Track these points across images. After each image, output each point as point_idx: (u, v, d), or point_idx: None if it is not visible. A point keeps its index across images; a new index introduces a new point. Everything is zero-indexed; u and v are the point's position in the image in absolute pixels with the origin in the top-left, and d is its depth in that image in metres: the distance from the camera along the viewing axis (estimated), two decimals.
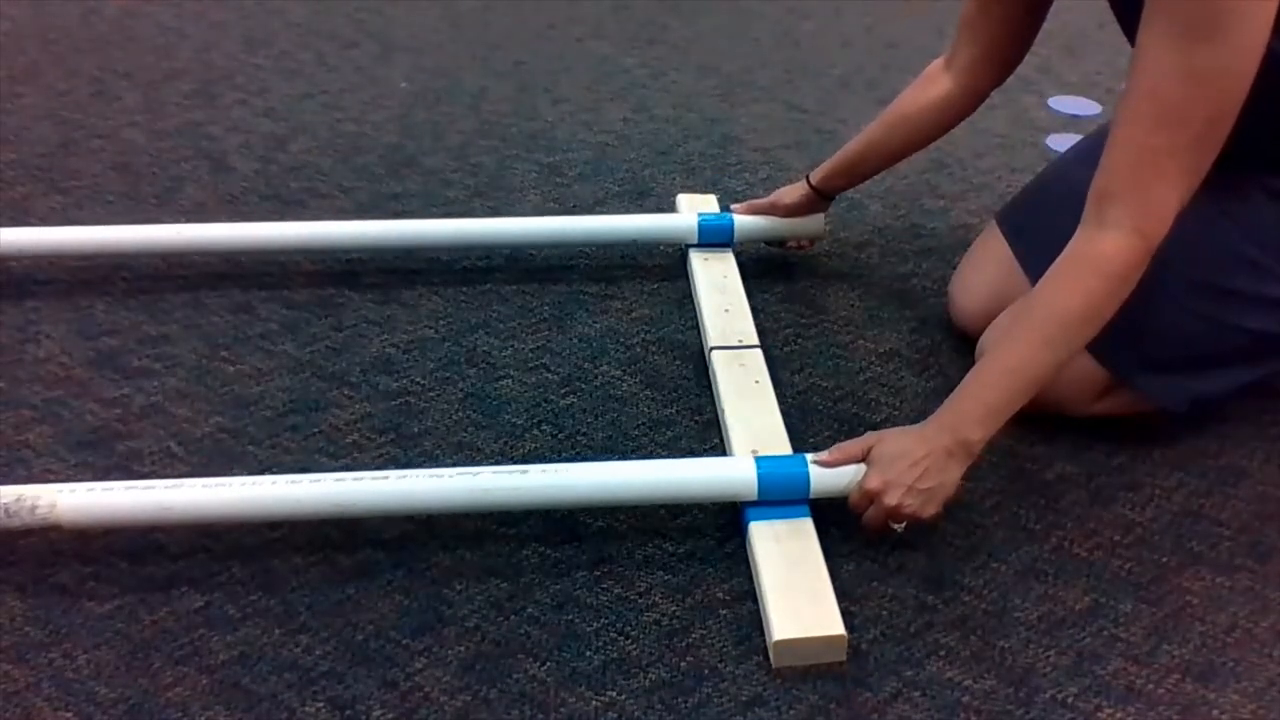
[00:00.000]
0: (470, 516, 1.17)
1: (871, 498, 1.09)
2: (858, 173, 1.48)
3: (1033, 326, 1.08)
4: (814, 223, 1.55)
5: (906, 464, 1.07)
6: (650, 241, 1.63)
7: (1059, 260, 1.08)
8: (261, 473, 1.22)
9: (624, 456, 1.25)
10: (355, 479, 1.09)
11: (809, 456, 1.13)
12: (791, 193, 1.53)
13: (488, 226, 1.58)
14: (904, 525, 1.10)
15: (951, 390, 1.35)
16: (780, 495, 1.12)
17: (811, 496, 1.12)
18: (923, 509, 1.08)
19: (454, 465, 1.23)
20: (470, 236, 1.57)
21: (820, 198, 1.51)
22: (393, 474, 1.10)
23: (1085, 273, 1.06)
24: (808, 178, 1.51)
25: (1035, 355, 1.08)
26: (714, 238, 1.57)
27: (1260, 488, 1.23)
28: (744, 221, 1.57)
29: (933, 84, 1.36)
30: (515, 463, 1.24)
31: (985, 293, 1.38)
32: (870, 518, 1.10)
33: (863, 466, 1.10)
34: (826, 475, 1.12)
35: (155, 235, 1.56)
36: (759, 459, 1.13)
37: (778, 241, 1.59)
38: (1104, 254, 1.05)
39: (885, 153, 1.44)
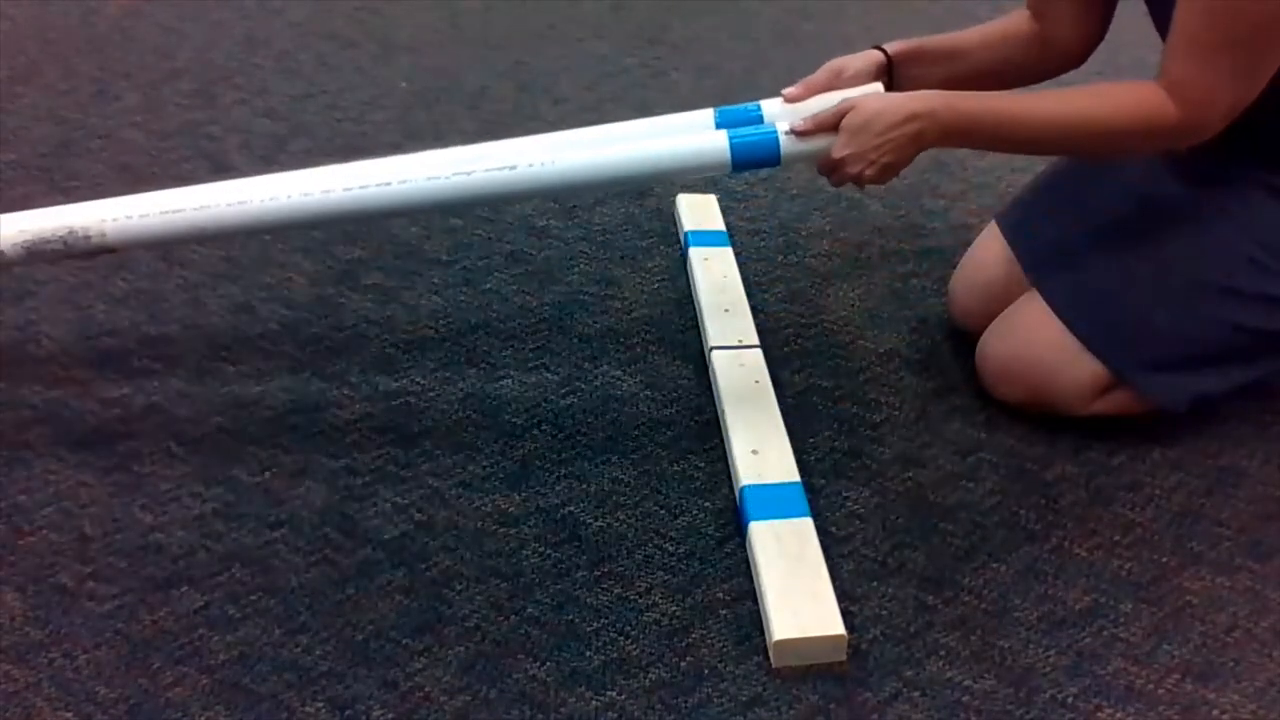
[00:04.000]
0: (471, 516, 1.17)
1: (836, 165, 1.14)
2: (936, 70, 1.29)
3: (1057, 106, 1.12)
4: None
5: (873, 140, 1.12)
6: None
7: (1124, 84, 1.11)
8: (270, 452, 1.22)
9: (633, 454, 1.26)
10: (361, 186, 1.17)
11: (782, 126, 1.15)
12: (857, 60, 1.27)
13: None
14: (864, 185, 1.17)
15: (951, 389, 1.36)
16: (754, 163, 1.17)
17: (783, 164, 1.17)
18: (878, 178, 1.14)
19: (454, 465, 1.24)
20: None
21: (885, 65, 1.28)
22: (395, 179, 1.17)
23: (1129, 103, 1.10)
24: (880, 47, 1.29)
25: (1040, 126, 1.12)
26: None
27: (1260, 488, 1.23)
28: (782, 115, 1.24)
29: (1029, 21, 1.31)
30: (515, 464, 1.24)
31: (985, 293, 1.38)
32: (833, 179, 1.17)
33: (831, 139, 1.14)
34: (798, 145, 1.15)
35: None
36: (731, 132, 1.16)
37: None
38: (1151, 100, 1.09)
39: (973, 64, 1.31)
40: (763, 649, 1.03)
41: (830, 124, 1.14)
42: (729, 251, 1.59)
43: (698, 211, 1.70)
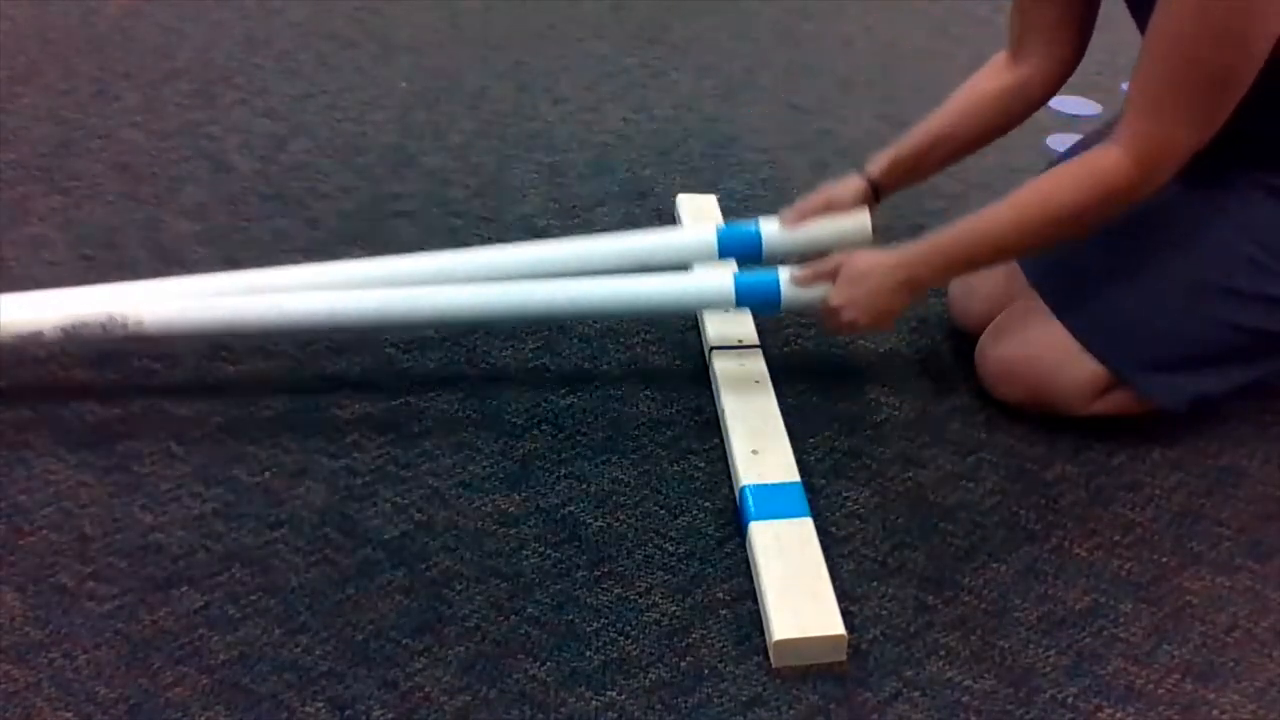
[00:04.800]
0: (470, 517, 1.17)
1: (834, 312, 1.22)
2: (923, 167, 1.35)
3: (1017, 205, 1.15)
4: (860, 230, 1.31)
5: (867, 288, 1.20)
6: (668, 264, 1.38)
7: (1075, 159, 1.14)
8: (270, 452, 1.22)
9: (633, 454, 1.26)
10: (396, 293, 1.26)
11: (782, 274, 1.25)
12: (845, 190, 1.33)
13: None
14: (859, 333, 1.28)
15: (951, 389, 1.36)
16: (756, 305, 1.29)
17: (783, 310, 1.27)
18: (875, 324, 1.23)
19: (454, 465, 1.24)
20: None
21: (871, 191, 1.34)
22: (432, 288, 1.27)
23: (1082, 178, 1.12)
24: (864, 173, 1.34)
25: (1007, 230, 1.16)
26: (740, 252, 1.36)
27: (1260, 488, 1.23)
28: (778, 236, 1.33)
29: (1002, 71, 1.31)
30: (515, 463, 1.24)
31: (985, 293, 1.38)
32: (832, 327, 1.25)
33: (828, 287, 1.23)
34: (797, 292, 1.25)
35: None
36: (737, 274, 1.26)
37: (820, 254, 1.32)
38: (1104, 167, 1.10)
39: (954, 142, 1.33)
40: (763, 649, 1.03)
41: (828, 274, 1.23)
42: None
43: (698, 211, 1.70)
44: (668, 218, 1.73)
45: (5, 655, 1.02)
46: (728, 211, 1.72)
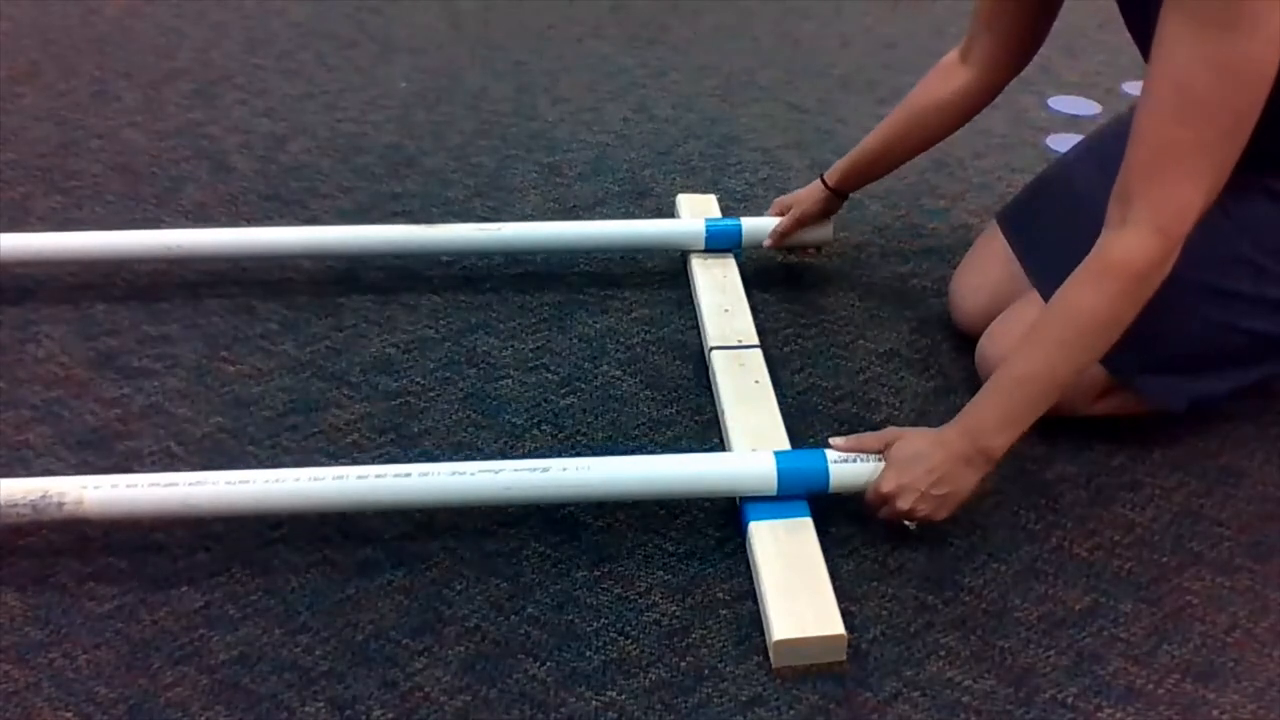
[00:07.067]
0: (471, 516, 1.17)
1: (886, 499, 1.10)
2: (875, 171, 1.46)
3: (1051, 330, 1.07)
4: (825, 230, 1.54)
5: (923, 469, 1.08)
6: (656, 248, 1.62)
7: (1083, 262, 1.06)
8: (270, 452, 1.22)
9: (634, 451, 1.26)
10: (378, 475, 1.10)
11: (830, 456, 1.13)
12: (811, 199, 1.50)
13: (496, 233, 1.55)
14: (916, 524, 1.12)
15: (951, 390, 1.36)
16: (798, 490, 1.13)
17: (830, 491, 1.13)
18: (935, 513, 1.10)
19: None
20: (479, 243, 1.56)
21: (836, 198, 1.50)
22: (415, 469, 1.11)
23: (1103, 275, 1.04)
24: (823, 180, 1.48)
25: (1053, 360, 1.07)
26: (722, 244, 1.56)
27: (1260, 488, 1.23)
28: (754, 228, 1.55)
29: (951, 76, 1.34)
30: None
31: (986, 293, 1.38)
32: (884, 515, 1.12)
33: (879, 464, 1.11)
34: (844, 472, 1.12)
35: (157, 240, 1.54)
36: (778, 454, 1.13)
37: (789, 248, 1.57)
38: (1122, 254, 1.03)
39: (904, 148, 1.42)
40: (763, 649, 1.03)
41: (871, 448, 1.13)
42: (729, 252, 1.59)
43: (698, 211, 1.69)
44: (667, 218, 1.73)
45: (5, 655, 1.02)
46: (727, 211, 1.72)
